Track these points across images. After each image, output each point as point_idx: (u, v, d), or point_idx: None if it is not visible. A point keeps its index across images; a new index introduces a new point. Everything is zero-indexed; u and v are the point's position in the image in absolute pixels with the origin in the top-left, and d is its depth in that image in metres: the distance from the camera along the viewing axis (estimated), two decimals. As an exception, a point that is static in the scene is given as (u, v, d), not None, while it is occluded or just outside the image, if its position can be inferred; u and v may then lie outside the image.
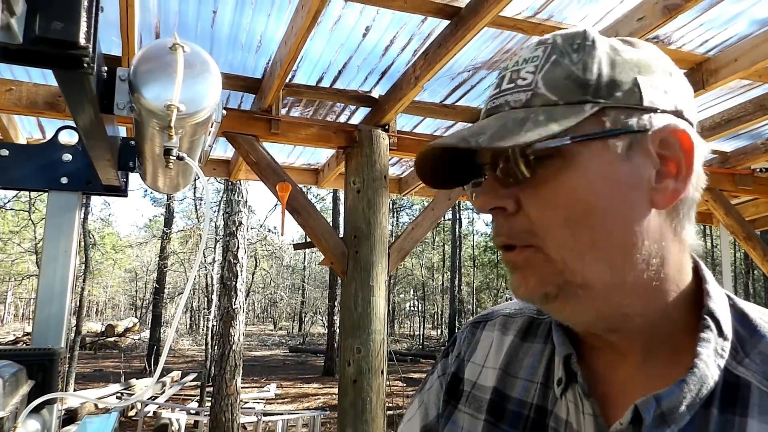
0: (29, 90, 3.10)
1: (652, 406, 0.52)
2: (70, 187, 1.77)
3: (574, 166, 0.54)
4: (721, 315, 0.56)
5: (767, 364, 0.53)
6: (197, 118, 1.17)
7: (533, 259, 0.56)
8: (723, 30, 2.87)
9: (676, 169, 0.55)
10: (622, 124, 0.54)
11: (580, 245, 0.54)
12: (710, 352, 0.54)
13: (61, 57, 0.84)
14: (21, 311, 45.18)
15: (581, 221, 0.54)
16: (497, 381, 0.69)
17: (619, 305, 0.56)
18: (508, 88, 0.58)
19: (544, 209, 0.55)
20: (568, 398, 0.60)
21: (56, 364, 1.59)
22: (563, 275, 0.55)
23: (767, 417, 0.50)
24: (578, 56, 0.55)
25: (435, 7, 2.62)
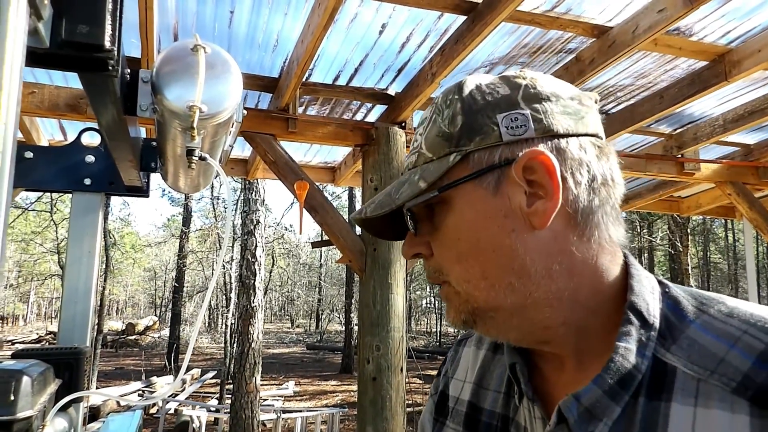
0: (51, 92, 3.15)
1: (573, 405, 0.56)
2: (93, 188, 1.78)
3: (452, 210, 0.61)
4: (645, 306, 0.58)
5: (693, 348, 0.55)
6: (219, 119, 1.17)
7: (449, 293, 0.64)
8: (746, 20, 2.81)
9: (545, 191, 0.58)
10: (486, 162, 0.59)
11: (473, 277, 0.60)
12: (631, 344, 0.56)
13: (87, 60, 0.85)
14: (44, 310, 46.00)
15: (468, 256, 0.60)
16: (471, 394, 0.74)
17: (536, 320, 0.60)
18: (411, 150, 0.67)
19: (441, 250, 0.63)
20: (524, 405, 0.65)
21: (82, 362, 1.61)
22: (469, 304, 0.61)
23: (689, 399, 0.53)
24: (447, 112, 0.62)
25: (451, 3, 2.60)
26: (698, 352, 0.55)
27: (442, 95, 0.65)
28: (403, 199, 0.61)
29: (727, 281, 31.28)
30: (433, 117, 0.63)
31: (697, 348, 0.55)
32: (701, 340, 0.55)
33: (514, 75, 0.63)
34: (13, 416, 1.16)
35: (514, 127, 0.59)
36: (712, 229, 31.37)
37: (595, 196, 0.59)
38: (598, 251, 0.60)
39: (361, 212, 0.65)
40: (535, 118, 0.59)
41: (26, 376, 1.21)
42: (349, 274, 20.15)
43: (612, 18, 2.80)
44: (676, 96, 3.41)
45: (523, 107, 0.59)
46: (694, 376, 0.54)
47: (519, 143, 0.59)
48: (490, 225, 0.59)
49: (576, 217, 0.59)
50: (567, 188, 0.58)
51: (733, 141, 4.51)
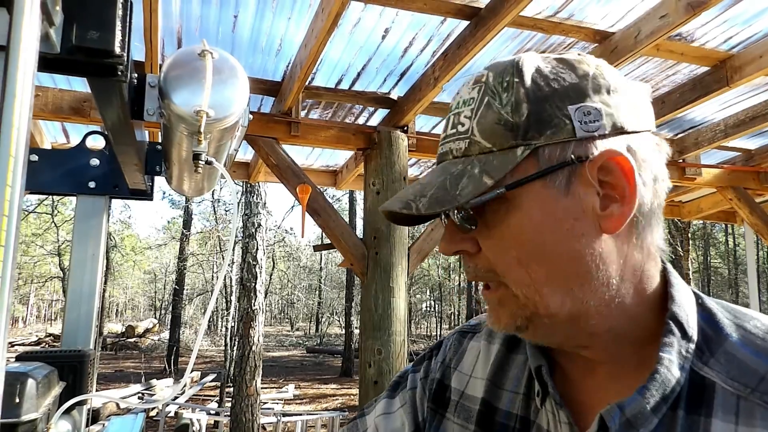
0: (55, 95, 3.16)
1: (616, 415, 0.53)
2: (97, 191, 1.79)
3: (516, 209, 0.55)
4: (685, 317, 0.57)
5: (731, 363, 0.54)
6: (225, 123, 1.18)
7: (504, 297, 0.59)
8: (747, 27, 2.82)
9: (620, 193, 0.55)
10: (558, 159, 0.54)
11: (536, 281, 0.56)
12: (673, 356, 0.55)
13: (97, 65, 0.85)
14: (43, 312, 45.97)
15: (532, 259, 0.55)
16: (485, 392, 0.70)
17: (585, 326, 0.57)
18: (451, 134, 0.60)
19: (497, 251, 0.58)
20: (547, 408, 0.62)
21: (86, 365, 1.62)
22: (528, 309, 0.57)
23: (730, 416, 0.51)
24: (507, 96, 0.56)
25: (454, 8, 2.61)
26: (738, 367, 0.54)
27: (494, 74, 0.58)
28: (466, 197, 0.54)
29: (728, 286, 31.27)
30: (486, 100, 0.57)
31: (737, 364, 0.54)
32: (740, 355, 0.54)
33: (577, 60, 0.58)
34: (18, 419, 1.17)
35: (588, 122, 0.54)
36: (713, 234, 31.38)
37: (656, 198, 0.57)
38: (647, 257, 0.58)
39: (411, 207, 0.57)
40: (606, 112, 0.55)
41: (31, 378, 1.22)
42: (350, 277, 20.15)
43: (614, 23, 2.81)
44: (677, 101, 3.42)
45: (594, 99, 0.55)
46: (733, 392, 0.53)
47: (592, 140, 0.55)
48: (558, 228, 0.55)
49: (639, 221, 0.57)
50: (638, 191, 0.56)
51: (735, 146, 4.52)
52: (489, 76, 0.58)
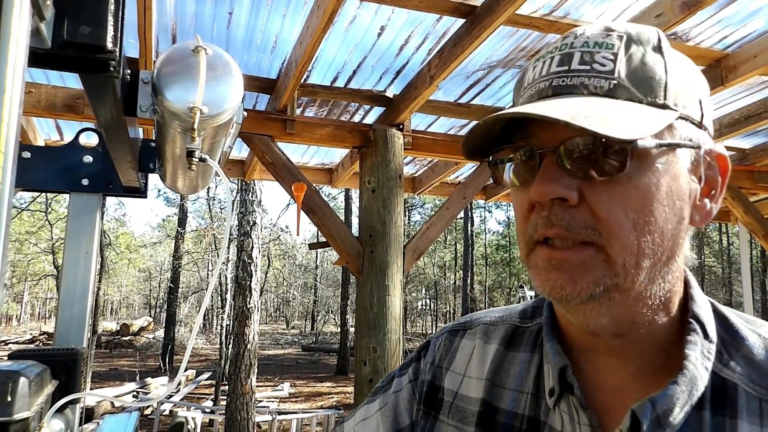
0: (48, 92, 3.14)
1: (648, 410, 0.52)
2: (91, 188, 1.78)
3: (649, 171, 0.52)
4: (706, 319, 0.57)
5: (750, 366, 0.54)
6: (219, 120, 1.17)
7: (592, 260, 0.52)
8: (742, 26, 2.83)
9: (714, 191, 0.56)
10: (687, 137, 0.54)
11: (641, 250, 0.52)
12: (698, 354, 0.54)
13: (89, 61, 0.85)
14: (37, 311, 45.78)
15: (647, 226, 0.52)
16: (485, 392, 0.67)
17: (633, 313, 0.55)
18: (581, 69, 0.54)
19: (614, 209, 0.52)
20: (561, 409, 0.59)
21: (79, 364, 1.61)
22: (618, 277, 0.52)
23: (756, 419, 0.52)
24: (659, 57, 0.54)
25: (450, 6, 2.61)
26: (757, 371, 0.54)
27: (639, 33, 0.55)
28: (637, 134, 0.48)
29: (722, 285, 31.41)
30: (633, 50, 0.54)
31: (756, 367, 0.54)
32: (758, 359, 0.55)
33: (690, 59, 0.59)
34: (10, 417, 1.16)
35: (705, 116, 0.55)
36: (707, 233, 31.51)
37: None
38: (683, 259, 0.58)
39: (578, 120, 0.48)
40: (706, 113, 0.56)
41: (23, 377, 1.21)
42: (345, 276, 20.15)
43: (610, 22, 2.81)
44: (672, 100, 3.43)
45: (703, 98, 0.56)
46: (755, 395, 0.53)
47: (706, 132, 0.56)
48: (675, 204, 0.53)
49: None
50: None
51: (729, 145, 4.53)
52: (631, 31, 0.55)
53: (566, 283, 0.53)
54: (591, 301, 0.54)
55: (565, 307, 0.57)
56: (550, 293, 0.54)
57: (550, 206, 0.53)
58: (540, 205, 0.54)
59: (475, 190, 4.17)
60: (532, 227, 0.55)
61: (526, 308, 0.73)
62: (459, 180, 5.35)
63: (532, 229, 0.55)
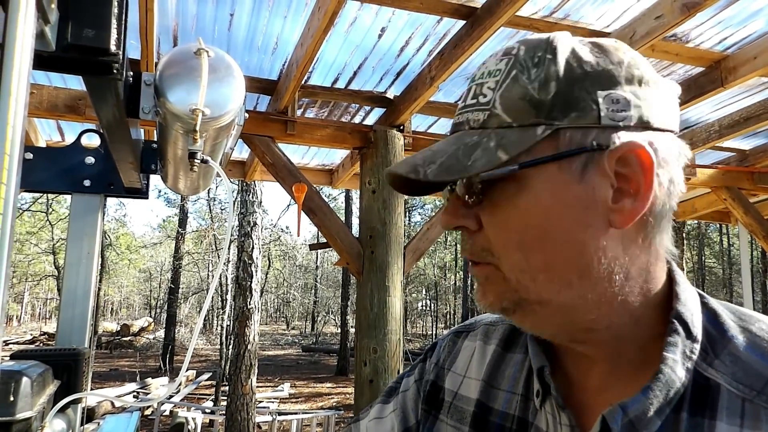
0: (50, 93, 3.15)
1: (619, 416, 0.52)
2: (92, 189, 1.78)
3: (527, 190, 0.53)
4: (690, 317, 0.56)
5: (736, 365, 0.53)
6: (221, 122, 1.18)
7: (492, 276, 0.57)
8: (742, 27, 2.84)
9: (635, 188, 0.53)
10: (577, 143, 0.52)
11: (533, 267, 0.54)
12: (677, 356, 0.54)
13: (93, 63, 0.85)
14: (38, 311, 45.79)
15: (534, 244, 0.54)
16: (480, 393, 0.69)
17: (581, 320, 0.56)
18: (470, 104, 0.57)
19: (499, 231, 0.56)
20: (546, 410, 0.60)
21: (81, 364, 1.61)
22: (518, 293, 0.56)
23: (735, 419, 0.50)
24: (537, 72, 0.54)
25: (451, 8, 2.62)
26: (743, 370, 0.53)
27: (526, 48, 0.56)
28: (477, 169, 0.52)
29: (722, 285, 31.41)
30: (514, 73, 0.55)
31: (741, 365, 0.53)
32: (745, 357, 0.53)
33: (613, 46, 0.56)
34: (13, 417, 1.16)
35: (614, 111, 0.52)
36: (707, 234, 31.51)
37: (669, 200, 0.56)
38: (655, 259, 0.57)
39: (418, 172, 0.54)
40: (635, 104, 0.53)
41: (26, 377, 1.21)
42: (345, 276, 20.15)
43: (610, 24, 2.82)
44: (672, 101, 3.43)
45: (625, 88, 0.53)
46: (738, 395, 0.52)
47: (615, 129, 0.52)
48: (566, 215, 0.53)
49: (649, 220, 0.55)
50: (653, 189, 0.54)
51: (729, 146, 4.54)
52: (520, 50, 0.56)
53: (481, 296, 0.59)
54: (509, 313, 0.58)
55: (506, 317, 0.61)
56: (479, 302, 0.60)
57: (462, 233, 0.60)
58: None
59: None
60: None
61: None
62: (459, 181, 5.35)
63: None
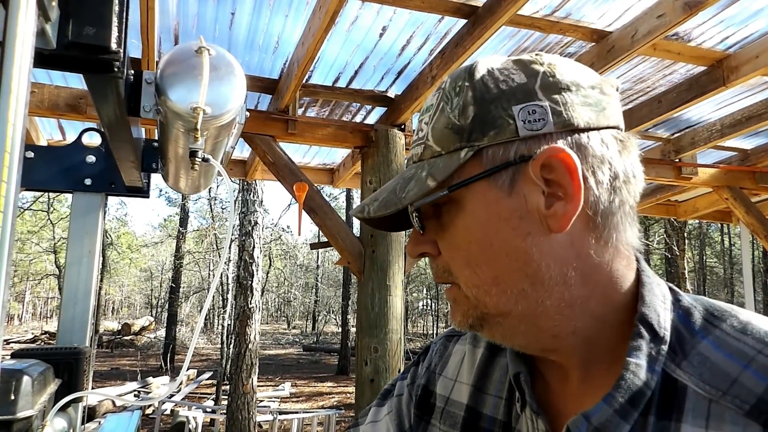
0: (51, 92, 3.15)
1: (583, 425, 0.53)
2: (94, 188, 1.78)
3: (464, 210, 0.57)
4: (656, 318, 0.55)
5: (704, 365, 0.53)
6: (222, 120, 1.18)
7: (457, 296, 0.60)
8: (744, 27, 2.83)
9: (564, 191, 0.54)
10: (501, 159, 0.54)
11: (483, 282, 0.57)
12: (641, 360, 0.53)
13: (93, 62, 0.85)
14: (39, 310, 45.84)
15: (479, 260, 0.56)
16: (469, 398, 0.70)
17: (545, 327, 0.56)
18: (414, 140, 0.62)
19: (449, 252, 0.59)
20: (526, 415, 0.61)
21: (82, 362, 1.62)
22: (478, 309, 0.58)
23: (700, 420, 0.50)
24: (457, 101, 0.56)
25: (452, 7, 2.61)
26: (710, 370, 0.52)
27: (451, 80, 0.59)
28: (410, 199, 0.56)
29: (723, 285, 31.37)
30: (441, 105, 0.58)
31: (709, 366, 0.52)
32: (713, 357, 0.53)
33: (530, 60, 0.57)
34: (14, 416, 1.16)
35: (532, 121, 0.54)
36: (709, 233, 31.48)
37: (616, 196, 0.56)
38: (614, 256, 0.57)
39: (364, 211, 0.60)
40: (554, 110, 0.54)
41: (27, 375, 1.21)
42: (346, 276, 20.15)
43: (611, 23, 2.81)
44: (674, 101, 3.43)
45: (542, 98, 0.54)
46: (705, 396, 0.51)
47: (537, 138, 0.54)
48: (503, 227, 0.55)
49: (595, 220, 0.55)
50: (588, 188, 0.54)
51: (731, 146, 4.53)
52: (446, 83, 0.60)
53: (452, 316, 0.62)
54: (478, 329, 0.60)
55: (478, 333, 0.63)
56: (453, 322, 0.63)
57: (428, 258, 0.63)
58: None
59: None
60: None
61: None
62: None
63: None
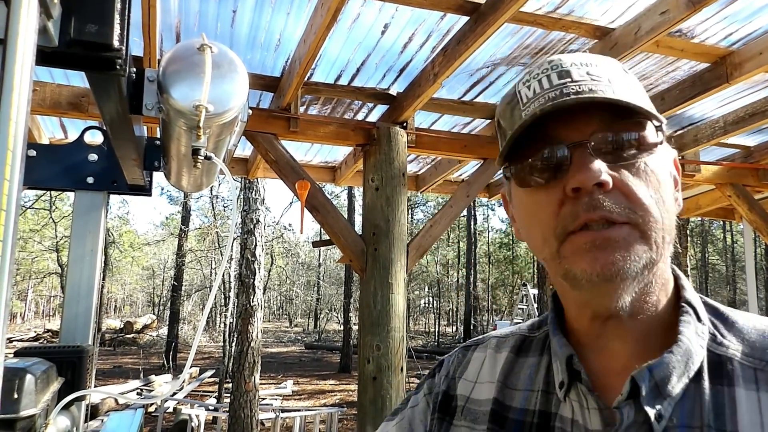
0: (53, 91, 3.15)
1: (646, 376, 0.56)
2: (96, 186, 1.79)
3: (657, 159, 0.62)
4: (697, 304, 0.63)
5: (743, 343, 0.60)
6: (224, 118, 1.17)
7: (631, 236, 0.57)
8: (747, 23, 2.82)
9: (678, 185, 0.66)
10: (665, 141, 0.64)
11: (666, 227, 0.60)
12: (691, 332, 0.60)
13: (95, 59, 0.85)
14: (41, 308, 45.93)
15: (663, 204, 0.60)
16: (497, 392, 0.72)
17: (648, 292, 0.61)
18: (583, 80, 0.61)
19: (642, 189, 0.59)
20: (571, 398, 0.63)
21: (85, 361, 1.61)
22: (653, 252, 0.58)
23: (752, 385, 0.57)
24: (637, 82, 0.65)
25: (454, 4, 2.60)
26: (749, 346, 0.60)
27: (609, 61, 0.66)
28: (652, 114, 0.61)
29: (726, 283, 31.34)
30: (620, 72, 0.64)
31: (748, 343, 0.60)
32: (749, 336, 0.61)
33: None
34: (17, 414, 1.16)
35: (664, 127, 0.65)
36: (711, 231, 31.42)
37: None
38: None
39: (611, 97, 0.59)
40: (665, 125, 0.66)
41: (30, 374, 1.21)
42: (348, 274, 20.15)
43: (614, 19, 2.80)
44: (677, 98, 3.42)
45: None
46: (750, 366, 0.58)
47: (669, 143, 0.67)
48: (672, 189, 0.63)
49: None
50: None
51: (734, 143, 4.52)
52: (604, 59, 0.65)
53: (615, 259, 0.57)
54: (632, 278, 0.58)
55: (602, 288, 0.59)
56: (600, 273, 0.57)
57: (590, 193, 0.58)
58: (576, 195, 0.58)
59: (478, 188, 4.16)
60: (565, 220, 0.59)
61: (534, 322, 0.79)
62: (462, 178, 5.35)
63: (566, 221, 0.59)
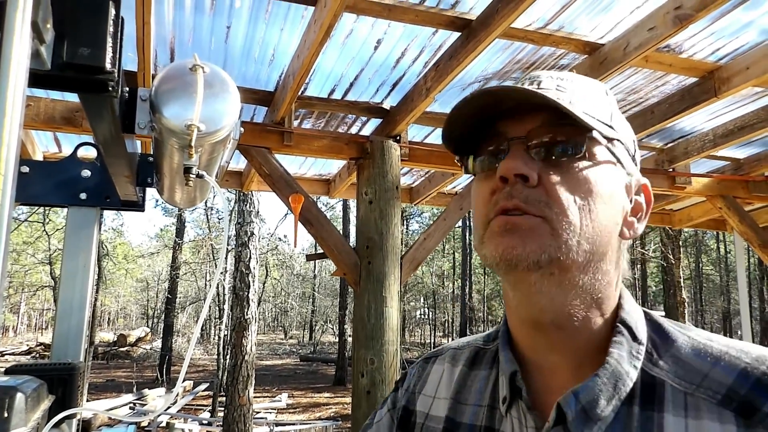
0: (47, 105, 3.15)
1: (572, 401, 0.57)
2: (89, 202, 1.79)
3: (597, 168, 0.62)
4: (634, 323, 0.63)
5: (677, 364, 0.60)
6: (216, 137, 1.19)
7: (540, 227, 0.59)
8: (734, 38, 2.86)
9: (640, 213, 0.67)
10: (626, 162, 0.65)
11: (583, 233, 0.60)
12: (623, 353, 0.60)
13: (88, 82, 0.86)
14: (34, 321, 45.55)
15: (589, 213, 0.60)
16: (449, 410, 0.73)
17: (569, 303, 0.61)
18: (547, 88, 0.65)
19: (565, 190, 0.60)
20: (512, 415, 0.64)
21: (76, 378, 1.61)
22: (559, 251, 0.59)
23: (680, 410, 0.57)
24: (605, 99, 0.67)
25: (446, 20, 2.63)
26: (683, 368, 0.60)
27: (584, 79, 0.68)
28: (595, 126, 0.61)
29: (720, 293, 31.42)
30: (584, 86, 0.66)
31: (682, 364, 0.60)
32: (685, 357, 0.61)
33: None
34: (7, 433, 1.16)
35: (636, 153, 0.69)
36: (704, 241, 31.55)
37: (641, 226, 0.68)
38: (619, 274, 0.66)
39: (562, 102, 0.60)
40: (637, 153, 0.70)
41: (20, 392, 1.21)
42: (343, 286, 20.10)
43: (603, 35, 2.84)
44: (666, 111, 3.46)
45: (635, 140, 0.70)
46: (681, 389, 0.58)
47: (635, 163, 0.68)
48: (613, 206, 0.63)
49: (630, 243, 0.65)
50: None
51: (724, 155, 4.56)
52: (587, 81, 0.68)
53: (517, 244, 0.59)
54: (535, 269, 0.59)
55: (512, 276, 0.62)
56: (501, 255, 0.60)
57: (513, 184, 0.61)
58: (503, 184, 0.61)
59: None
60: (491, 206, 0.62)
61: (490, 333, 0.80)
62: (456, 190, 5.37)
63: (489, 208, 0.62)
